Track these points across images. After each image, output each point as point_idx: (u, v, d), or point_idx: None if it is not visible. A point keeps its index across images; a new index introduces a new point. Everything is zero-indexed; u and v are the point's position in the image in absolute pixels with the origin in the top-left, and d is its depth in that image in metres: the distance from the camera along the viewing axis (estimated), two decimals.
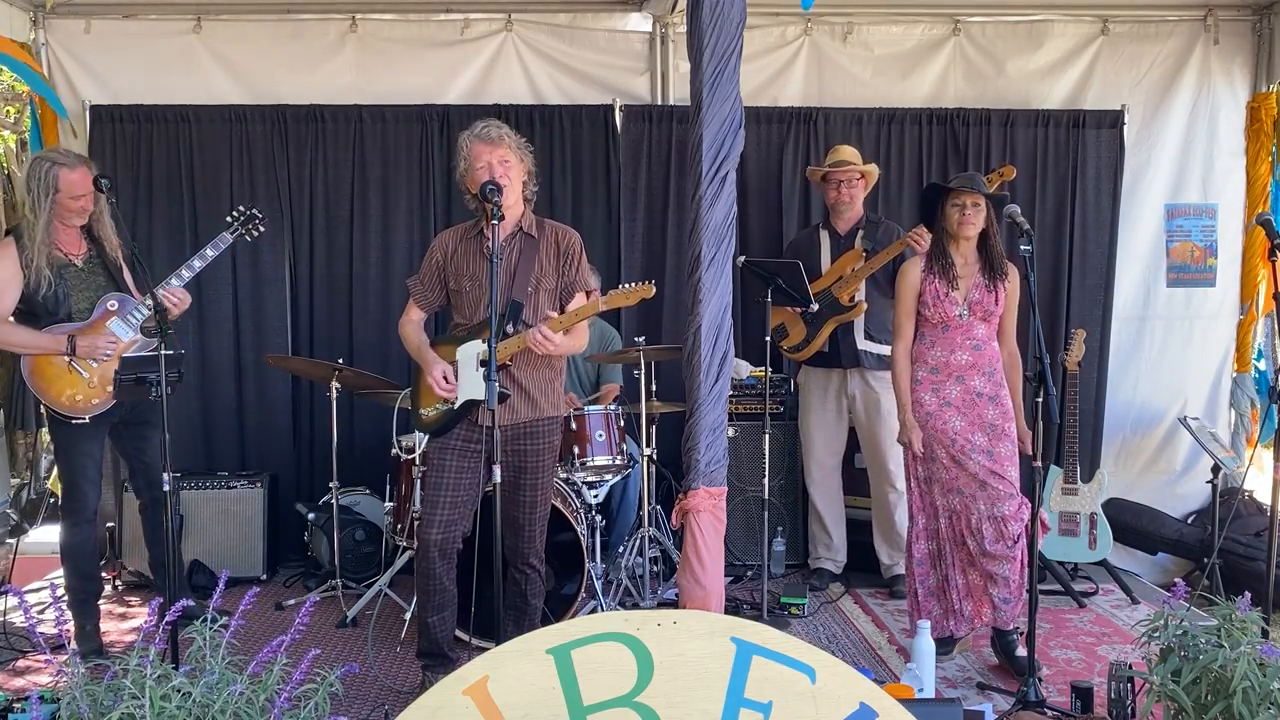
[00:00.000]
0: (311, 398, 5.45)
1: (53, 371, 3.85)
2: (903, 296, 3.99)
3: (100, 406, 3.88)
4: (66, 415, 3.87)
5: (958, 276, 3.88)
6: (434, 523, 3.49)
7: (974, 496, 3.82)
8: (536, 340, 3.34)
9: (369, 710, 3.54)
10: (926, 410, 3.90)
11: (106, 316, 3.91)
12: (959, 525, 3.87)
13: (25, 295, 3.87)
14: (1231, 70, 5.61)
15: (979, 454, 3.82)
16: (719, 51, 3.11)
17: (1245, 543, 5.00)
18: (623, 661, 2.21)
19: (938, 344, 3.91)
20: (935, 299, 3.88)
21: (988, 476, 3.80)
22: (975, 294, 3.86)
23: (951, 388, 3.88)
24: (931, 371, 3.92)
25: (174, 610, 2.52)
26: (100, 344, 3.84)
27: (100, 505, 5.12)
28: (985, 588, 3.84)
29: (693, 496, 3.12)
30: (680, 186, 5.40)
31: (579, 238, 3.62)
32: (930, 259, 3.94)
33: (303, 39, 5.50)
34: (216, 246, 4.03)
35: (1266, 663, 2.60)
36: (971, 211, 3.82)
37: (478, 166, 3.41)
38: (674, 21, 5.49)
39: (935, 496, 3.92)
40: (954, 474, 3.86)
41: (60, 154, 3.92)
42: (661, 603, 4.48)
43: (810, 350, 4.85)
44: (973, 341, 3.88)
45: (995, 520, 3.78)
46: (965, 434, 3.84)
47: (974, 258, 3.90)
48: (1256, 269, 5.58)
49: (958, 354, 3.88)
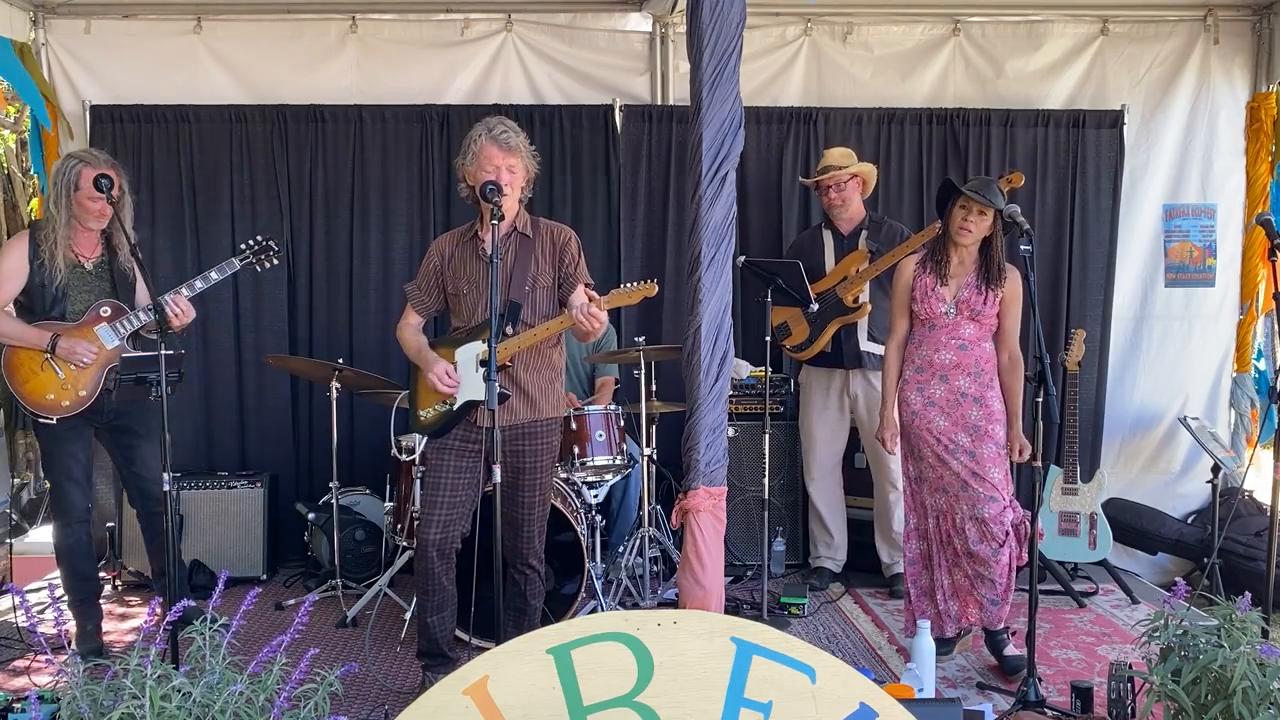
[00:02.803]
0: (311, 398, 5.45)
1: (27, 369, 3.83)
2: (897, 293, 4.00)
3: (70, 410, 3.84)
4: (34, 413, 3.85)
5: (949, 275, 3.87)
6: (432, 523, 3.49)
7: (957, 496, 3.82)
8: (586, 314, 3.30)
9: (369, 710, 3.54)
10: (912, 409, 3.90)
11: (96, 321, 3.88)
12: (945, 525, 3.87)
13: (28, 289, 3.87)
14: (1231, 70, 5.61)
15: (962, 454, 3.81)
16: (719, 51, 3.11)
17: (1245, 543, 5.00)
18: (623, 661, 2.21)
19: (924, 343, 3.91)
20: (924, 294, 3.88)
21: (969, 477, 3.79)
22: (964, 293, 3.84)
23: (936, 387, 3.87)
24: (917, 370, 3.91)
25: (174, 610, 2.52)
26: (79, 348, 3.80)
27: (100, 505, 5.15)
28: (971, 588, 3.84)
29: (693, 496, 3.11)
30: (680, 186, 5.40)
31: (575, 234, 3.64)
32: (927, 254, 3.94)
33: (303, 39, 5.50)
34: (222, 270, 3.99)
35: (1266, 663, 2.60)
36: (975, 219, 3.78)
37: (485, 167, 3.42)
38: (674, 21, 5.49)
39: (924, 496, 3.93)
40: (940, 473, 3.86)
41: (90, 154, 3.93)
42: (661, 603, 4.48)
43: (813, 350, 4.85)
44: (958, 341, 3.86)
45: (977, 521, 3.77)
46: (949, 433, 3.83)
47: (972, 260, 3.88)
48: (1256, 269, 5.58)
49: (942, 353, 3.87)
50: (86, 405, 3.85)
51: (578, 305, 3.37)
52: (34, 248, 3.86)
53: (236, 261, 4.04)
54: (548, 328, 3.44)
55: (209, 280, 3.97)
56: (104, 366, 3.86)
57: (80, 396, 3.84)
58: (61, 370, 3.83)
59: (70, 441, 3.93)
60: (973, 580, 3.83)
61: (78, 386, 3.83)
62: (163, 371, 3.32)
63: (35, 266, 3.86)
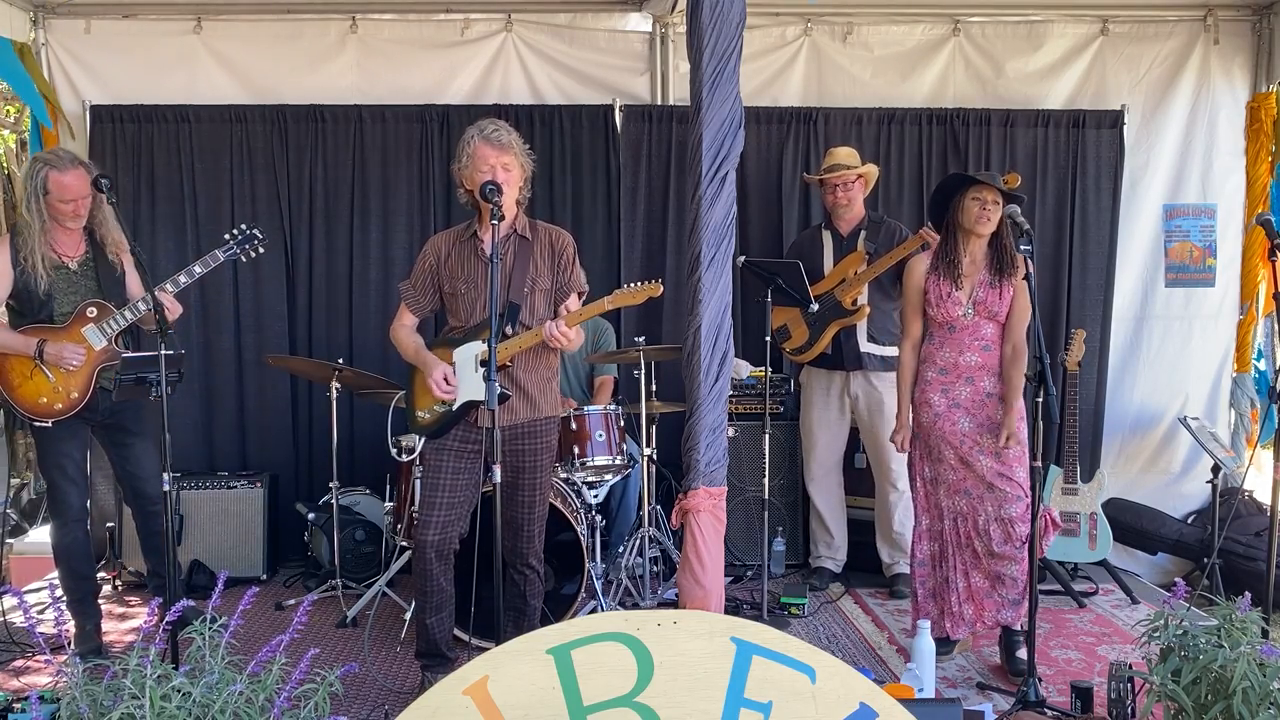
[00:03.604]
0: (311, 398, 5.45)
1: (18, 375, 3.81)
2: (908, 294, 3.97)
3: (64, 413, 3.83)
4: (29, 418, 3.84)
5: (962, 275, 3.84)
6: (430, 524, 3.49)
7: (981, 498, 3.80)
8: (554, 334, 3.35)
9: (369, 710, 3.54)
10: (935, 411, 3.87)
11: (83, 322, 3.86)
12: (965, 527, 3.85)
13: (15, 293, 3.85)
14: (1231, 70, 5.60)
15: (987, 456, 3.79)
16: (719, 51, 3.11)
17: (1245, 543, 5.00)
18: (623, 661, 2.21)
19: (946, 344, 3.88)
20: (939, 299, 3.85)
21: (995, 478, 3.77)
22: (980, 292, 3.81)
23: (962, 389, 3.84)
24: (941, 372, 3.88)
25: (173, 610, 2.52)
26: (66, 352, 3.78)
27: (100, 505, 5.15)
28: (990, 589, 3.82)
29: (693, 496, 3.12)
30: (680, 186, 5.40)
31: (572, 240, 3.63)
32: (936, 256, 3.92)
33: (303, 39, 5.50)
34: (206, 264, 3.93)
35: (1266, 663, 2.60)
36: (992, 208, 3.77)
37: (481, 168, 3.42)
38: (674, 21, 5.49)
39: (940, 498, 3.90)
40: (961, 475, 3.84)
41: (55, 155, 3.87)
42: (661, 603, 4.48)
43: (813, 353, 4.85)
44: (981, 342, 3.83)
45: (1003, 522, 3.76)
46: (973, 435, 3.81)
47: (982, 256, 3.86)
48: (1256, 269, 5.58)
49: (967, 355, 3.84)
50: (80, 406, 3.84)
51: (548, 324, 3.38)
52: (14, 253, 3.84)
53: (220, 253, 3.98)
54: (535, 334, 3.43)
55: (193, 274, 3.92)
56: (95, 367, 3.85)
57: (73, 399, 3.83)
58: (52, 374, 3.81)
59: (65, 440, 3.92)
60: (993, 581, 3.81)
61: (69, 389, 3.82)
62: (163, 371, 3.31)
63: (18, 271, 3.83)
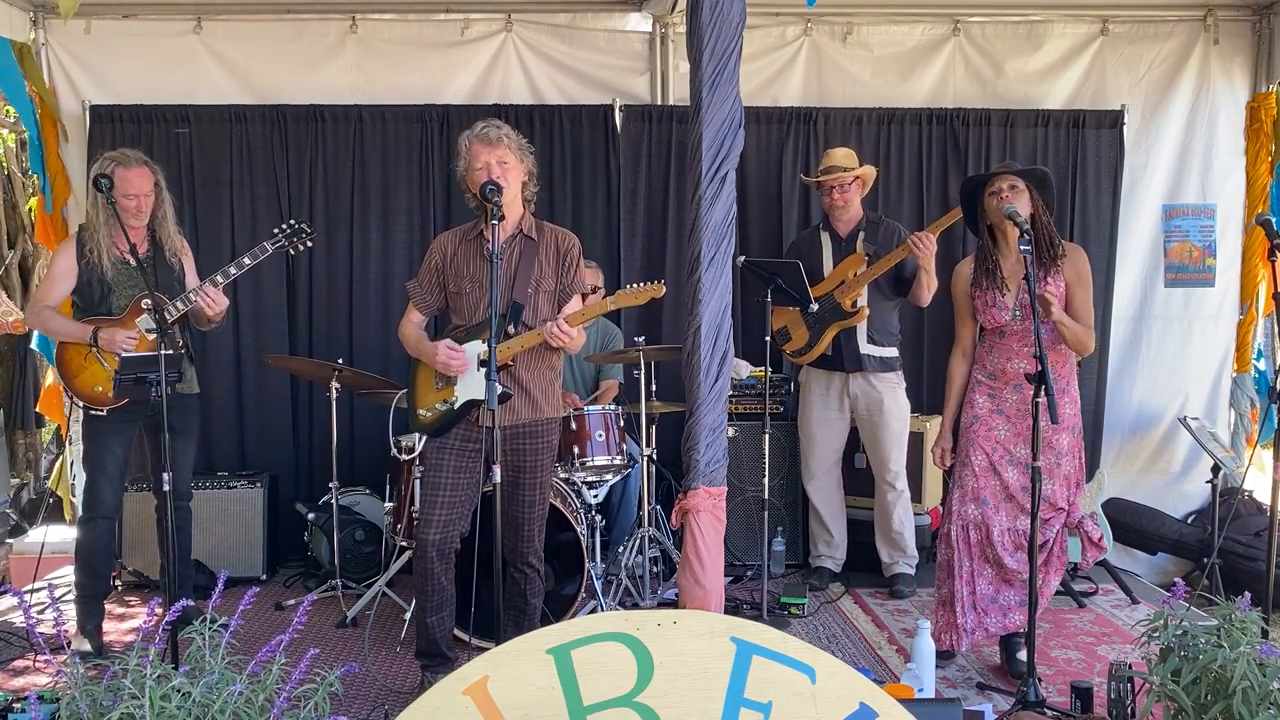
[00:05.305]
0: (311, 398, 5.45)
1: (76, 363, 3.97)
2: (956, 300, 3.92)
3: (116, 401, 3.94)
4: (87, 406, 3.98)
5: (1005, 278, 3.75)
6: (431, 523, 3.49)
7: (997, 508, 3.74)
8: (554, 333, 3.36)
9: (369, 710, 3.54)
10: (976, 412, 3.81)
11: (137, 312, 3.98)
12: (979, 535, 3.77)
13: (79, 288, 4.02)
14: (1231, 70, 5.61)
15: (1018, 467, 3.72)
16: (719, 51, 3.11)
17: (1245, 543, 5.00)
18: (623, 661, 2.21)
19: (995, 349, 3.81)
20: (984, 306, 3.79)
21: (1018, 492, 3.71)
22: (1025, 295, 3.66)
23: (1009, 395, 3.77)
24: (989, 377, 3.82)
25: (173, 610, 2.52)
26: (119, 337, 3.91)
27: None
28: (995, 594, 3.78)
29: (693, 496, 3.11)
30: (680, 186, 5.40)
31: (578, 241, 3.63)
32: (976, 262, 3.85)
33: (303, 39, 5.50)
34: (255, 255, 4.06)
35: (1266, 663, 2.60)
36: (1010, 193, 3.70)
37: (477, 167, 3.42)
38: (674, 21, 5.49)
39: (954, 503, 3.83)
40: (984, 482, 3.77)
41: (123, 154, 4.02)
42: (661, 603, 4.48)
43: (813, 354, 4.85)
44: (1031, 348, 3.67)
45: (1016, 533, 3.71)
46: (1008, 444, 3.75)
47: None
48: (1256, 269, 5.58)
49: (1015, 361, 3.75)
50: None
51: (548, 323, 3.38)
52: (80, 248, 4.00)
53: (269, 245, 4.08)
54: (536, 334, 3.43)
55: (242, 266, 4.06)
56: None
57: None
58: (107, 362, 3.93)
59: (113, 435, 4.03)
60: (999, 587, 3.76)
61: None
62: (163, 371, 3.35)
63: (83, 266, 3.99)
